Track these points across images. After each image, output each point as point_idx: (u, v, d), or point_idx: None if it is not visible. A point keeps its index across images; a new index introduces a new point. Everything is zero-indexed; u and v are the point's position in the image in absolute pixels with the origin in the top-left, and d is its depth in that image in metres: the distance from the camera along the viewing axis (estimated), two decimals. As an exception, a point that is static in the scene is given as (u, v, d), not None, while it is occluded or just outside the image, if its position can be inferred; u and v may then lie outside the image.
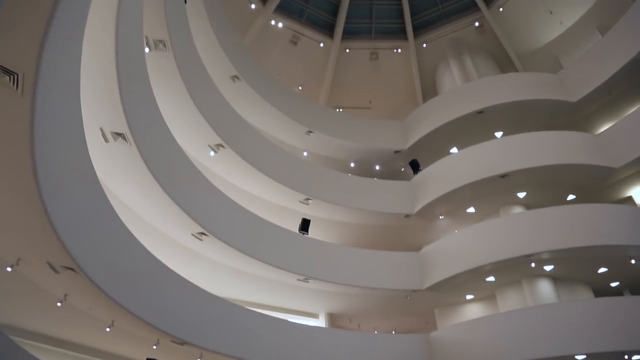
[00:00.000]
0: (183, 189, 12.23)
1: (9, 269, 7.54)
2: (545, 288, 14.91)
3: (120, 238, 9.43)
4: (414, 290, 16.44)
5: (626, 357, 12.78)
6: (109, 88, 8.97)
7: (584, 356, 12.82)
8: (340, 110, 23.92)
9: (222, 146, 14.85)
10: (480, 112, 17.70)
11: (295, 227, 16.56)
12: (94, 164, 8.02)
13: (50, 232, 6.52)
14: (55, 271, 7.89)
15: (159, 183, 11.00)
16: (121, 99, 9.12)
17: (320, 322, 18.11)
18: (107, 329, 10.16)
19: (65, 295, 8.80)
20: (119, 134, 9.81)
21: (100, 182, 8.57)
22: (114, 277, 8.89)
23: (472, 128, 18.43)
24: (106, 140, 9.89)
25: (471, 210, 17.41)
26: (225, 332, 12.60)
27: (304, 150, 20.38)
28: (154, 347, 11.37)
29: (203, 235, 13.04)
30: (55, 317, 9.94)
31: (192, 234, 13.01)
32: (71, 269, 7.74)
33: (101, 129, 9.66)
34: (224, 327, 12.67)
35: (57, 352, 11.16)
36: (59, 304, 8.82)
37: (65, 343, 11.51)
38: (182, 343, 11.56)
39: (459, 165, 17.09)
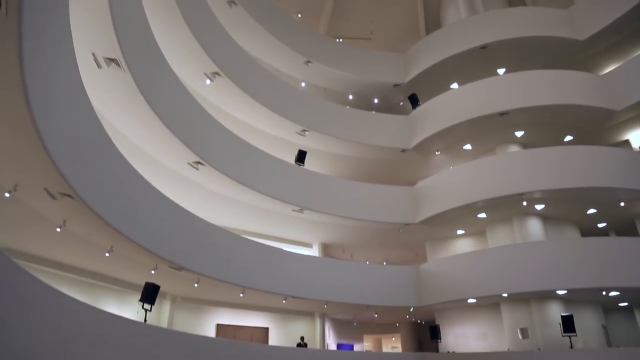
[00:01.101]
0: (179, 117, 12.08)
1: (7, 195, 7.57)
2: (534, 226, 15.27)
3: (116, 166, 9.42)
4: (406, 224, 16.81)
5: (604, 293, 13.38)
6: (100, 10, 8.58)
7: (565, 291, 13.41)
8: (340, 40, 23.19)
9: (218, 74, 14.50)
10: (483, 47, 17.23)
11: (291, 158, 16.59)
12: (87, 92, 7.84)
13: (45, 158, 6.48)
14: (53, 197, 7.92)
15: (154, 111, 10.82)
16: (113, 22, 8.75)
17: (314, 252, 18.65)
18: (107, 254, 10.40)
19: (64, 221, 8.91)
20: (112, 60, 9.50)
21: (95, 110, 8.43)
22: (112, 204, 8.96)
23: (474, 64, 18.01)
24: (99, 66, 9.59)
25: (468, 147, 17.43)
26: (222, 259, 12.97)
27: (302, 81, 19.98)
28: (153, 272, 11.71)
29: (199, 165, 13.04)
30: (55, 242, 10.12)
31: (189, 163, 13.01)
32: (68, 195, 7.77)
33: (93, 55, 9.35)
34: (221, 254, 13.02)
35: (58, 275, 11.50)
36: (58, 230, 8.96)
37: (66, 267, 11.82)
38: (180, 269, 11.92)
39: (458, 102, 16.88)
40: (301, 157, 16.60)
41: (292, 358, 13.77)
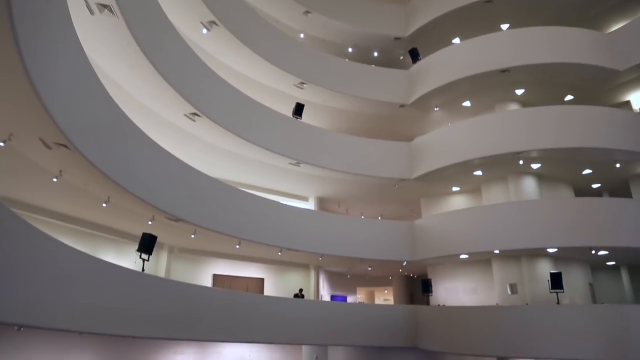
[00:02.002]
0: (174, 67, 11.85)
1: (1, 144, 7.51)
2: (529, 185, 15.37)
3: (111, 116, 9.32)
4: (402, 179, 16.87)
5: (593, 252, 13.65)
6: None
7: (555, 249, 13.68)
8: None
9: (215, 24, 14.10)
10: (488, 0, 16.70)
11: (289, 111, 16.43)
12: (80, 40, 7.65)
13: (38, 106, 6.39)
14: (49, 147, 7.88)
15: (149, 59, 10.59)
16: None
17: (310, 205, 18.79)
18: (104, 205, 10.46)
19: (60, 171, 8.89)
20: (105, 6, 9.20)
21: (89, 59, 8.24)
22: (108, 154, 8.92)
23: (478, 18, 17.53)
24: (91, 12, 9.30)
25: (467, 104, 17.25)
26: (218, 211, 13.09)
27: (301, 32, 19.48)
28: (150, 223, 11.82)
29: (196, 116, 12.91)
30: (52, 192, 10.16)
31: (185, 115, 12.87)
32: (64, 145, 7.72)
33: (85, 0, 9.03)
34: (217, 206, 13.12)
35: (56, 225, 11.59)
36: (54, 180, 8.96)
37: (64, 216, 11.92)
38: (177, 220, 12.04)
39: (459, 57, 16.56)
40: (299, 110, 16.44)
41: (286, 307, 14.15)
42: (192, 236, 13.38)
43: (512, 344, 12.10)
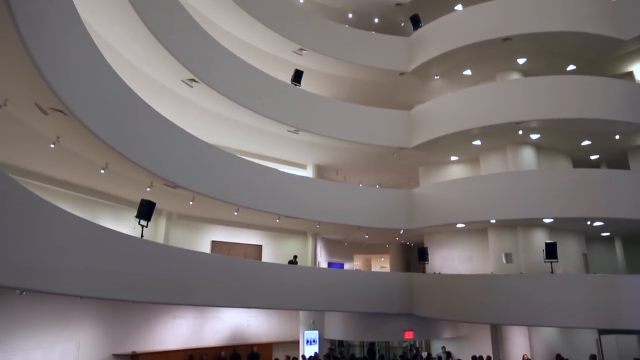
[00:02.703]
0: (171, 30, 11.61)
1: (-4, 109, 7.43)
2: (527, 155, 15.37)
3: (108, 81, 9.18)
4: (401, 148, 16.84)
5: (588, 223, 13.78)
6: None
7: (551, 220, 13.79)
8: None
9: (213, -14, 13.77)
10: (493, -36, 16.27)
11: (287, 78, 16.23)
12: (74, 1, 7.46)
13: (32, 70, 6.28)
14: (45, 113, 7.79)
15: (145, 23, 10.38)
16: None
17: (308, 173, 18.80)
18: (102, 171, 10.43)
19: (58, 137, 8.80)
20: (100, -33, 8.96)
21: (84, 22, 8.06)
22: (105, 120, 8.84)
23: (481, -16, 17.13)
24: (86, -27, 9.06)
25: (468, 72, 17.03)
26: (217, 178, 13.08)
27: (300, -4, 19.06)
28: (148, 189, 11.82)
29: (193, 82, 12.74)
30: (50, 158, 10.09)
31: (182, 81, 12.70)
32: (60, 111, 7.64)
33: (80, -41, 8.77)
34: (216, 173, 13.11)
35: (54, 191, 11.57)
36: (52, 146, 8.89)
37: (62, 183, 11.88)
38: (175, 186, 12.04)
39: (461, 25, 16.24)
40: (297, 77, 16.24)
41: (284, 274, 14.34)
42: (191, 203, 13.41)
43: (506, 311, 12.33)
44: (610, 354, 13.58)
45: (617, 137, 14.21)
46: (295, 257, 17.13)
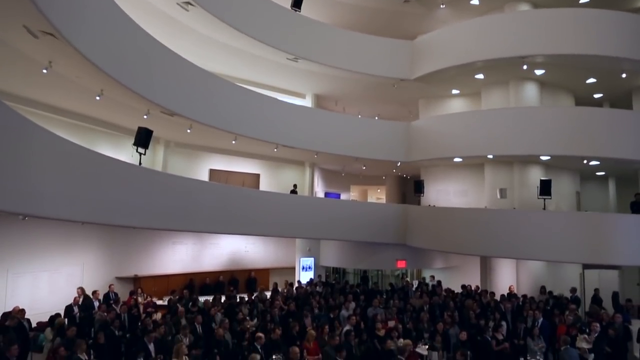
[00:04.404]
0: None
1: (-16, 32, 7.16)
2: (530, 91, 15.11)
3: (100, 3, 8.80)
4: (402, 79, 16.50)
5: (585, 161, 13.83)
6: None
7: (549, 157, 13.83)
8: None
9: None
10: None
11: (287, 3, 15.53)
12: None
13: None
14: (35, 36, 7.52)
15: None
16: None
17: (307, 103, 18.54)
18: (97, 98, 10.25)
19: (50, 62, 8.55)
20: None
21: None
22: (98, 45, 8.55)
23: None
24: None
25: (475, 2, 16.21)
26: (215, 106, 12.92)
27: None
28: (145, 117, 11.69)
29: (189, 5, 12.18)
30: (43, 84, 9.85)
31: (178, 4, 12.13)
32: (50, 34, 7.37)
33: None
34: (214, 100, 12.92)
35: (51, 118, 11.42)
36: (44, 72, 8.66)
37: (58, 110, 11.71)
38: (172, 114, 11.91)
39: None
40: (297, 1, 15.52)
41: (281, 202, 14.58)
42: (188, 131, 13.33)
43: (497, 245, 12.70)
44: (591, 287, 14.14)
45: (624, 75, 13.84)
46: (295, 186, 17.32)
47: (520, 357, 9.53)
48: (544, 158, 14.01)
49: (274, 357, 8.46)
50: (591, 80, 14.64)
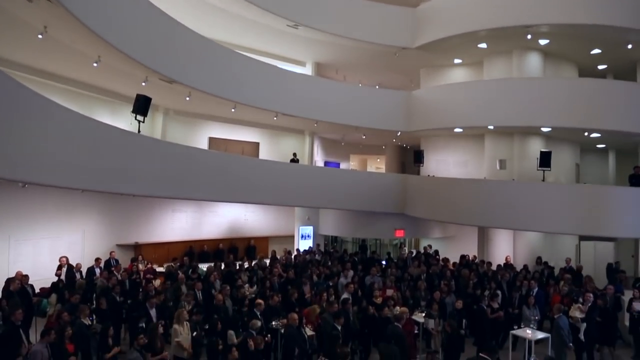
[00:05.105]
0: None
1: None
2: (534, 61, 14.90)
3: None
4: (404, 48, 16.24)
5: (586, 133, 13.77)
6: None
7: (550, 129, 13.76)
8: None
9: None
10: None
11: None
12: None
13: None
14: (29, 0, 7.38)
15: None
16: None
17: (307, 71, 18.31)
18: (94, 65, 10.11)
19: (45, 27, 8.40)
20: None
21: None
22: (94, 10, 8.38)
23: None
24: None
25: (480, -32, 15.87)
26: (214, 73, 12.76)
27: None
28: (143, 84, 11.56)
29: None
30: (39, 49, 9.69)
31: (175, -34, 11.88)
32: (45, -3, 7.24)
33: None
34: (213, 68, 12.75)
35: (48, 85, 11.31)
36: (40, 37, 8.51)
37: (55, 76, 11.58)
38: (171, 81, 11.78)
39: None
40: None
41: (281, 171, 14.58)
42: (187, 99, 13.22)
43: (495, 216, 12.76)
44: (586, 258, 14.33)
45: (630, 46, 13.60)
46: (295, 155, 17.30)
47: (514, 325, 9.74)
48: (544, 129, 13.94)
49: (273, 323, 8.65)
50: (596, 51, 14.41)
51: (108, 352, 6.97)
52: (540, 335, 8.97)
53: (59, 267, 10.96)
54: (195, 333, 7.84)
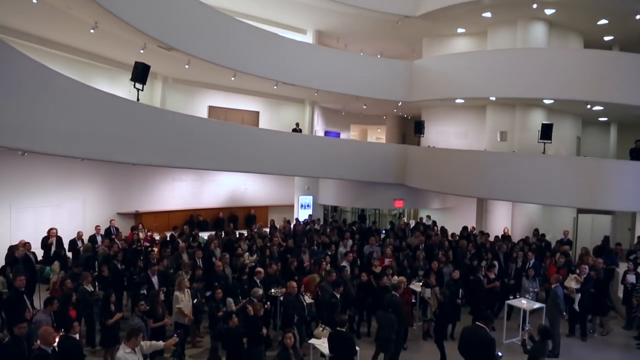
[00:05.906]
0: None
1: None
2: (538, 32, 14.65)
3: None
4: (406, 16, 15.93)
5: (589, 106, 13.65)
6: None
7: (552, 101, 13.65)
8: None
9: None
10: None
11: None
12: None
13: None
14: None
15: None
16: None
17: (308, 39, 18.01)
18: (91, 31, 9.94)
19: (39, -9, 8.26)
20: None
21: None
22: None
23: None
24: None
25: None
26: (213, 41, 12.58)
27: None
28: (141, 51, 11.40)
29: None
30: (34, 15, 9.50)
31: None
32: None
33: None
34: (212, 35, 12.56)
35: (45, 52, 11.14)
36: (34, 1, 8.33)
37: (52, 43, 11.40)
38: (170, 49, 11.62)
39: None
40: None
41: (281, 140, 14.51)
42: (186, 67, 13.07)
43: (494, 187, 12.76)
44: (584, 230, 14.42)
45: (638, 17, 13.34)
46: (297, 124, 17.22)
47: (509, 295, 9.89)
48: (547, 102, 13.83)
49: (272, 290, 8.78)
50: (603, 21, 14.13)
51: (110, 318, 7.09)
52: (536, 305, 9.14)
53: (47, 238, 10.84)
54: (195, 300, 7.98)
